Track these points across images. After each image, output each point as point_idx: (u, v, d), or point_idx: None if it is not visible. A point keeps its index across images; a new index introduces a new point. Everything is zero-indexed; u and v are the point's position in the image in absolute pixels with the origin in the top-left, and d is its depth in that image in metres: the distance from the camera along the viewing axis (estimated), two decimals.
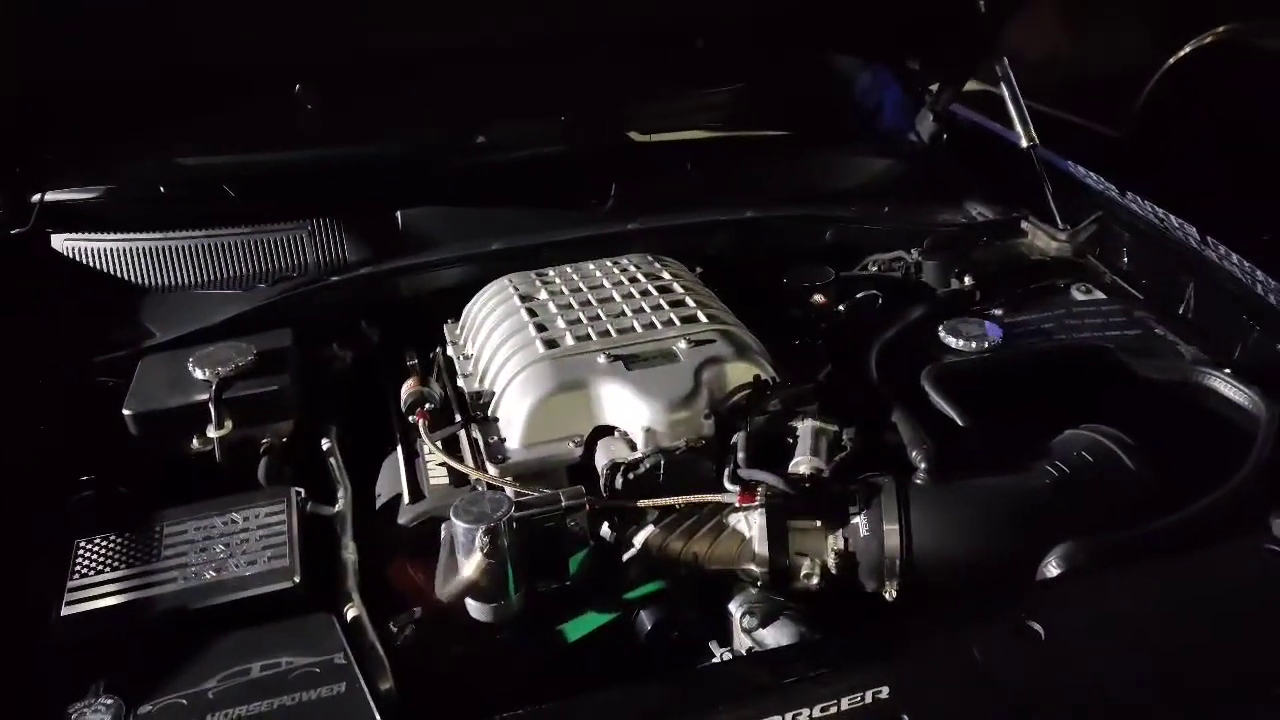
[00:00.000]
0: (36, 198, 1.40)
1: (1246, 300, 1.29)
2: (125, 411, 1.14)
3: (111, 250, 1.43)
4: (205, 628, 0.92)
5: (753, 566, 1.00)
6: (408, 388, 1.17)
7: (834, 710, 0.80)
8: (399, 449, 1.16)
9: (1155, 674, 0.84)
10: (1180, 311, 1.35)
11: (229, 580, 0.97)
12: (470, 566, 0.93)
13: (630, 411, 1.06)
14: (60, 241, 1.44)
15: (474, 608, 0.98)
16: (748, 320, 1.21)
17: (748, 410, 1.08)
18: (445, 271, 1.40)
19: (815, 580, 0.99)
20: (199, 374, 1.17)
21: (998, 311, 1.34)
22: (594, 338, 1.15)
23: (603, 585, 1.01)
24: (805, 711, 0.80)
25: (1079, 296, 1.39)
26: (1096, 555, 0.94)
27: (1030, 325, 1.31)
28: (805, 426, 1.05)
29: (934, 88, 1.76)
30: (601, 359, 1.11)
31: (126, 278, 1.42)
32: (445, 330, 1.35)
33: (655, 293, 1.24)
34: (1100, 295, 1.39)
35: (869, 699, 0.81)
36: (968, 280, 1.41)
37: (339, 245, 1.44)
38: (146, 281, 1.42)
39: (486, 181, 1.50)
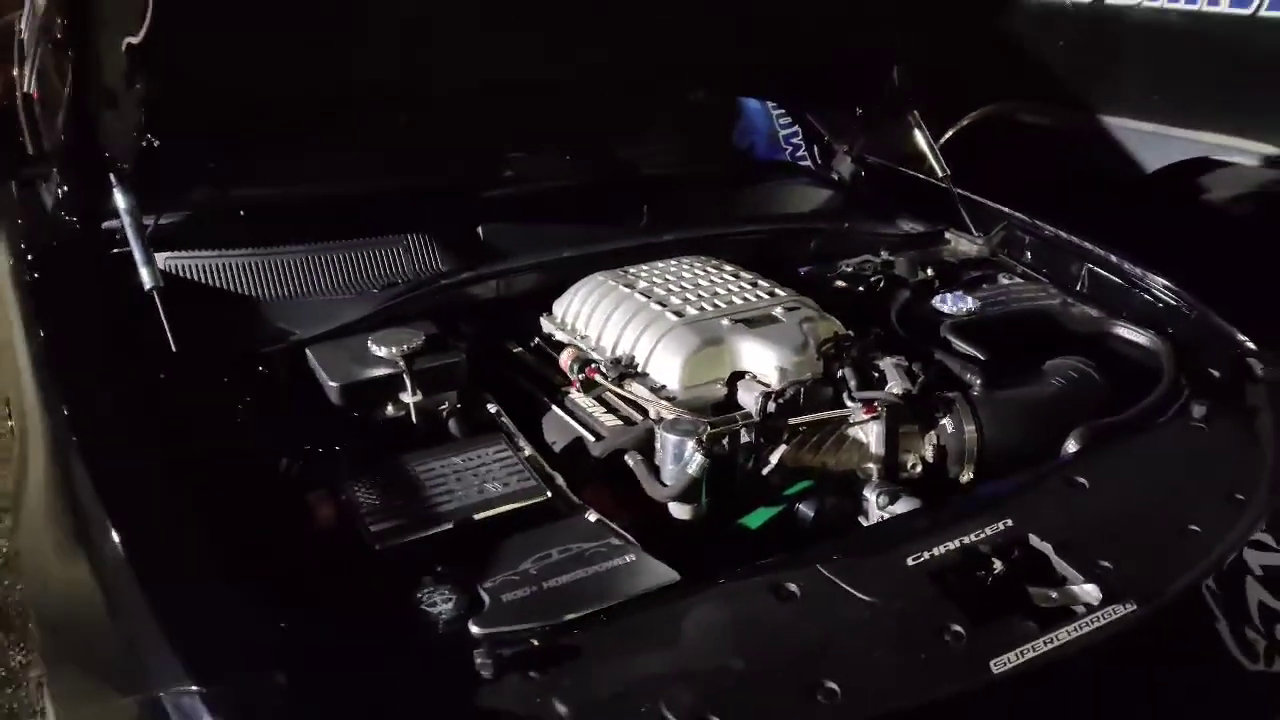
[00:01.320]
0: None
1: (1124, 274, 1.80)
2: (332, 384, 1.33)
3: (212, 265, 1.58)
4: (485, 537, 1.14)
5: (870, 465, 1.35)
6: (569, 355, 1.43)
7: (976, 536, 1.15)
8: (554, 407, 1.42)
9: (1144, 505, 1.25)
10: (1078, 288, 1.85)
11: (494, 498, 1.19)
12: (692, 466, 1.22)
13: (761, 358, 1.39)
14: (170, 259, 1.57)
15: (675, 509, 1.26)
16: None
17: (839, 354, 1.43)
18: (526, 276, 1.66)
19: (918, 470, 1.35)
20: (381, 352, 1.37)
21: (959, 291, 1.78)
22: (707, 309, 1.47)
23: (762, 488, 1.32)
24: (954, 543, 1.14)
25: (1005, 281, 1.87)
26: (1097, 435, 1.37)
27: (986, 298, 1.76)
28: (888, 362, 1.42)
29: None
30: (725, 322, 1.43)
31: (235, 290, 1.58)
32: (543, 322, 1.60)
33: (730, 278, 1.58)
34: (1020, 280, 1.88)
35: (1000, 527, 1.17)
36: (929, 271, 1.85)
37: (434, 257, 1.67)
38: (253, 293, 1.58)
39: (547, 202, 1.78)
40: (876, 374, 1.42)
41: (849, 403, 1.36)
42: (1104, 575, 1.09)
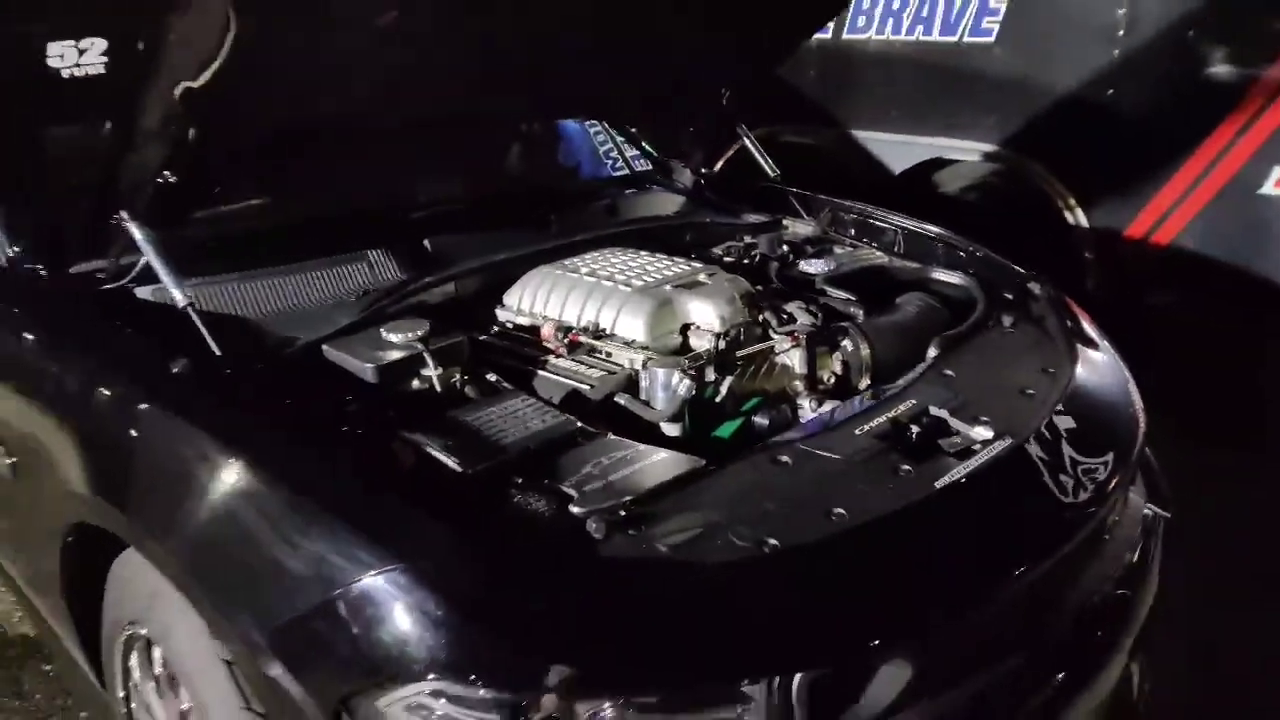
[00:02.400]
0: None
1: (924, 235, 2.34)
2: (368, 366, 1.56)
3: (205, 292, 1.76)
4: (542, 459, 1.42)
5: (797, 382, 1.75)
6: (550, 327, 1.74)
7: (895, 413, 1.57)
8: (541, 371, 1.71)
9: (993, 381, 1.73)
10: (895, 250, 2.36)
11: (538, 430, 1.47)
12: (682, 389, 1.56)
13: (703, 311, 1.75)
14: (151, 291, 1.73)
15: (667, 428, 1.59)
16: None
17: (757, 304, 1.83)
18: (477, 276, 1.94)
19: (831, 381, 1.77)
20: (397, 338, 1.61)
21: (814, 259, 2.23)
22: (649, 281, 1.82)
23: (722, 410, 1.68)
24: (883, 418, 1.56)
25: (840, 251, 2.35)
26: (949, 342, 1.84)
27: (838, 261, 2.22)
28: (792, 306, 1.84)
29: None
30: (668, 288, 1.79)
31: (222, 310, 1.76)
32: (499, 313, 1.89)
33: (651, 259, 1.94)
34: (851, 248, 2.36)
35: (909, 404, 1.60)
36: (785, 247, 2.29)
37: (393, 267, 1.92)
38: (239, 311, 1.77)
39: (473, 217, 2.07)
40: (786, 316, 1.84)
41: (774, 337, 1.76)
42: (987, 423, 1.54)
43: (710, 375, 1.67)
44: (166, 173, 1.58)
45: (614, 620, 1.18)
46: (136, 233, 1.61)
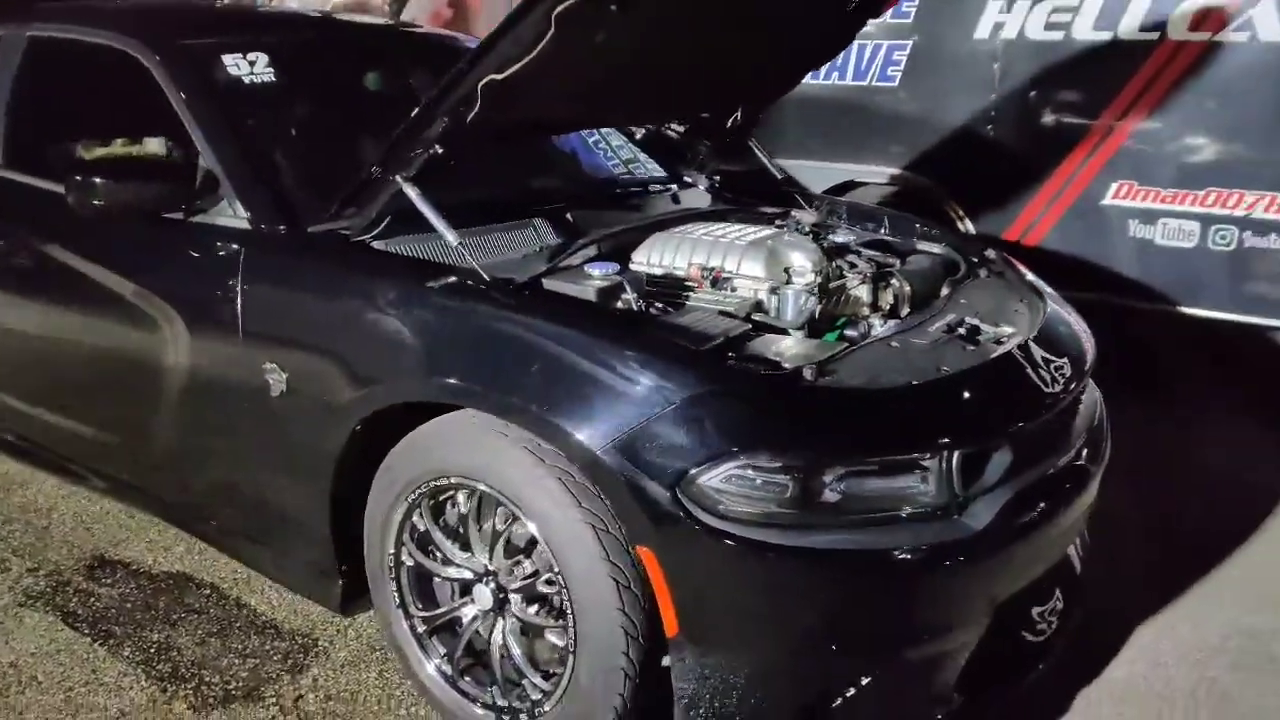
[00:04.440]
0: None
1: (903, 220, 3.10)
2: (590, 288, 2.12)
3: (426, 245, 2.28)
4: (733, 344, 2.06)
5: (865, 309, 2.44)
6: (695, 269, 2.35)
7: (947, 320, 2.29)
8: (689, 300, 2.32)
9: (996, 303, 2.49)
10: (882, 231, 3.10)
11: (731, 327, 2.10)
12: (810, 303, 2.22)
13: (800, 258, 2.41)
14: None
15: (795, 334, 2.24)
16: None
17: (829, 253, 2.51)
18: (620, 236, 2.52)
19: (886, 309, 2.47)
20: (596, 274, 2.18)
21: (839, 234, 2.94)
22: (750, 238, 2.47)
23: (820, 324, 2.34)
24: (941, 322, 2.28)
25: (847, 230, 3.07)
26: (956, 282, 2.59)
27: (853, 235, 2.94)
28: (850, 257, 2.54)
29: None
30: (769, 241, 2.45)
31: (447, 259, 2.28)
32: (633, 267, 2.48)
33: (737, 226, 2.60)
34: (852, 229, 3.09)
35: (952, 316, 2.33)
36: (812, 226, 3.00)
37: (550, 232, 2.49)
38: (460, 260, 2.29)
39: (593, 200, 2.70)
40: (851, 263, 2.53)
41: (847, 276, 2.44)
42: (1008, 325, 2.28)
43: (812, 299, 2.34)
44: (438, 147, 2.11)
45: (842, 420, 1.83)
46: (411, 193, 2.13)
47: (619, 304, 2.17)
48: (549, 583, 1.94)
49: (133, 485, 2.75)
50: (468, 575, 2.09)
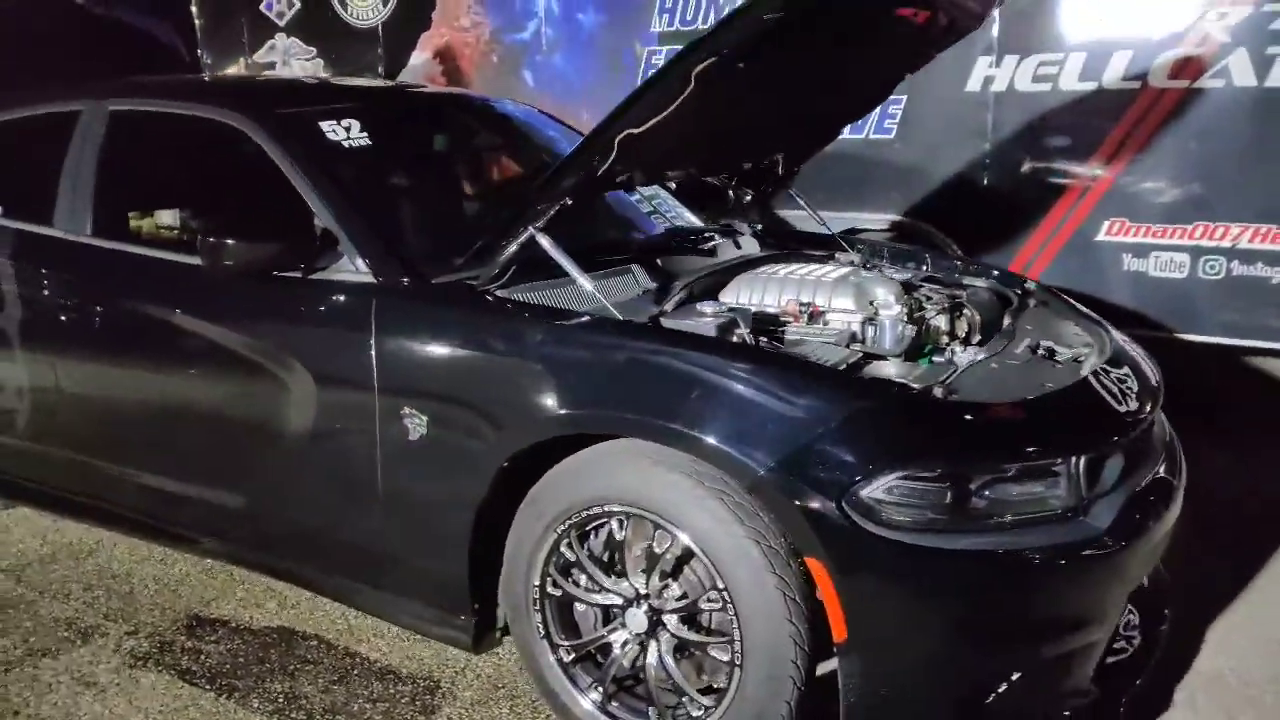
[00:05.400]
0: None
1: (942, 258, 3.32)
2: (708, 324, 2.27)
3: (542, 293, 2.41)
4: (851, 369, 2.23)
5: (944, 335, 2.63)
6: (791, 304, 2.51)
7: (1024, 344, 2.50)
8: (788, 331, 2.48)
9: (1058, 325, 2.72)
10: (924, 270, 3.32)
11: (847, 357, 2.26)
12: (910, 331, 2.39)
13: (880, 292, 2.60)
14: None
15: (893, 360, 2.41)
16: None
17: (906, 288, 2.70)
18: (700, 282, 2.68)
19: (960, 336, 2.67)
20: (709, 311, 2.34)
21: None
22: (833, 276, 2.65)
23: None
24: (1020, 346, 2.48)
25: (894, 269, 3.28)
26: (1014, 312, 2.80)
27: (906, 273, 3.15)
28: (921, 291, 2.74)
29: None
30: (851, 278, 2.63)
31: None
32: (712, 302, 2.63)
33: (814, 265, 2.78)
34: (894, 268, 3.30)
35: (1015, 333, 2.54)
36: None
37: (645, 278, 2.64)
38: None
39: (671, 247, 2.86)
40: (926, 296, 2.72)
41: (926, 307, 2.63)
42: (1080, 346, 2.49)
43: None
44: (568, 198, 2.26)
45: (984, 431, 2.00)
46: (545, 242, 2.27)
47: (734, 338, 2.33)
48: (709, 600, 2.05)
49: (248, 544, 2.77)
50: (616, 601, 2.19)
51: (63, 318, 2.87)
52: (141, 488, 2.90)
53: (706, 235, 3.33)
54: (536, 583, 2.24)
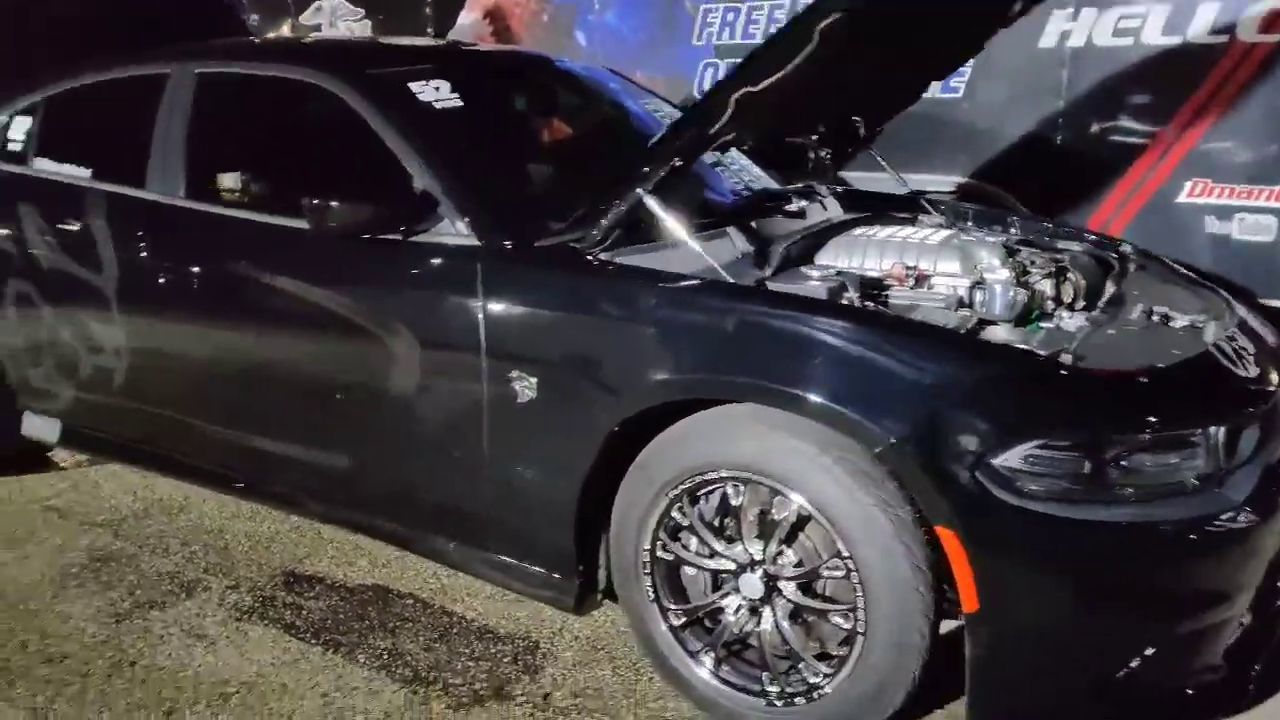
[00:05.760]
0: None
1: (1029, 219, 3.25)
2: (819, 288, 2.23)
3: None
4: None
5: (1050, 300, 2.57)
6: (898, 267, 2.47)
7: (1139, 309, 2.44)
8: (892, 295, 2.44)
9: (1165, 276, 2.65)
10: (1011, 231, 3.25)
11: (964, 320, 2.22)
12: (1021, 296, 2.34)
13: (989, 258, 2.54)
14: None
15: (1004, 324, 2.36)
16: None
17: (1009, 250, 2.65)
18: (797, 244, 2.64)
19: (1065, 300, 2.61)
20: (815, 275, 2.32)
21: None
22: (934, 239, 2.60)
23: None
24: (1135, 312, 2.42)
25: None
26: (1118, 276, 2.74)
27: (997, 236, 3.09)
28: (1023, 255, 2.68)
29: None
30: (955, 240, 2.58)
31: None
32: (816, 265, 2.59)
33: (912, 228, 2.73)
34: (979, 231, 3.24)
35: (1141, 307, 2.47)
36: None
37: (742, 240, 2.59)
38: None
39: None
40: (1030, 260, 2.66)
41: (1031, 271, 2.57)
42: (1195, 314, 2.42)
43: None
44: (677, 159, 2.22)
45: (1118, 398, 1.96)
46: (654, 204, 2.23)
47: (843, 301, 2.29)
48: (831, 568, 2.03)
49: (346, 503, 2.77)
50: (729, 566, 2.17)
51: (160, 279, 2.87)
52: (236, 446, 2.91)
53: (794, 196, 3.28)
54: (647, 546, 2.23)
